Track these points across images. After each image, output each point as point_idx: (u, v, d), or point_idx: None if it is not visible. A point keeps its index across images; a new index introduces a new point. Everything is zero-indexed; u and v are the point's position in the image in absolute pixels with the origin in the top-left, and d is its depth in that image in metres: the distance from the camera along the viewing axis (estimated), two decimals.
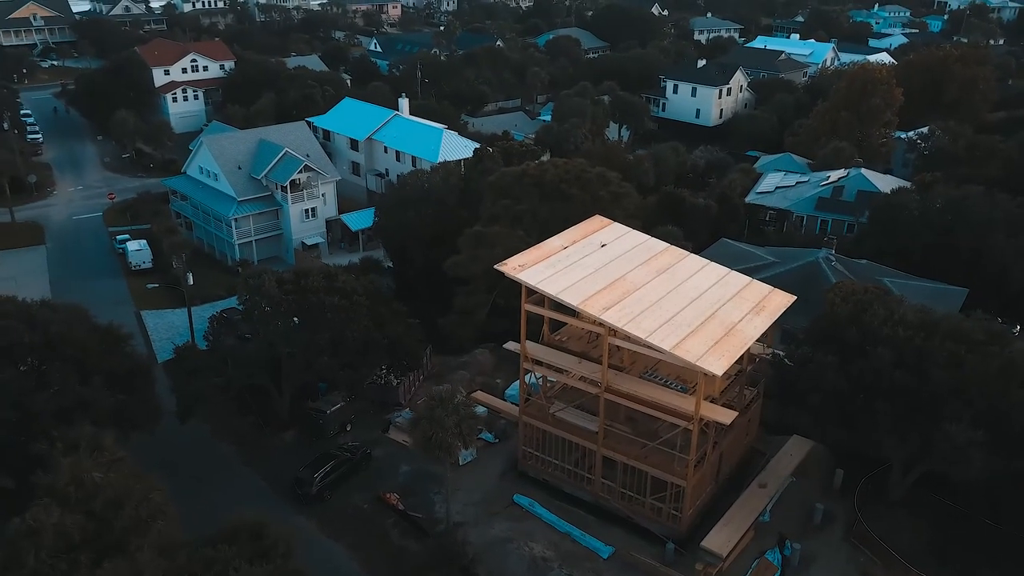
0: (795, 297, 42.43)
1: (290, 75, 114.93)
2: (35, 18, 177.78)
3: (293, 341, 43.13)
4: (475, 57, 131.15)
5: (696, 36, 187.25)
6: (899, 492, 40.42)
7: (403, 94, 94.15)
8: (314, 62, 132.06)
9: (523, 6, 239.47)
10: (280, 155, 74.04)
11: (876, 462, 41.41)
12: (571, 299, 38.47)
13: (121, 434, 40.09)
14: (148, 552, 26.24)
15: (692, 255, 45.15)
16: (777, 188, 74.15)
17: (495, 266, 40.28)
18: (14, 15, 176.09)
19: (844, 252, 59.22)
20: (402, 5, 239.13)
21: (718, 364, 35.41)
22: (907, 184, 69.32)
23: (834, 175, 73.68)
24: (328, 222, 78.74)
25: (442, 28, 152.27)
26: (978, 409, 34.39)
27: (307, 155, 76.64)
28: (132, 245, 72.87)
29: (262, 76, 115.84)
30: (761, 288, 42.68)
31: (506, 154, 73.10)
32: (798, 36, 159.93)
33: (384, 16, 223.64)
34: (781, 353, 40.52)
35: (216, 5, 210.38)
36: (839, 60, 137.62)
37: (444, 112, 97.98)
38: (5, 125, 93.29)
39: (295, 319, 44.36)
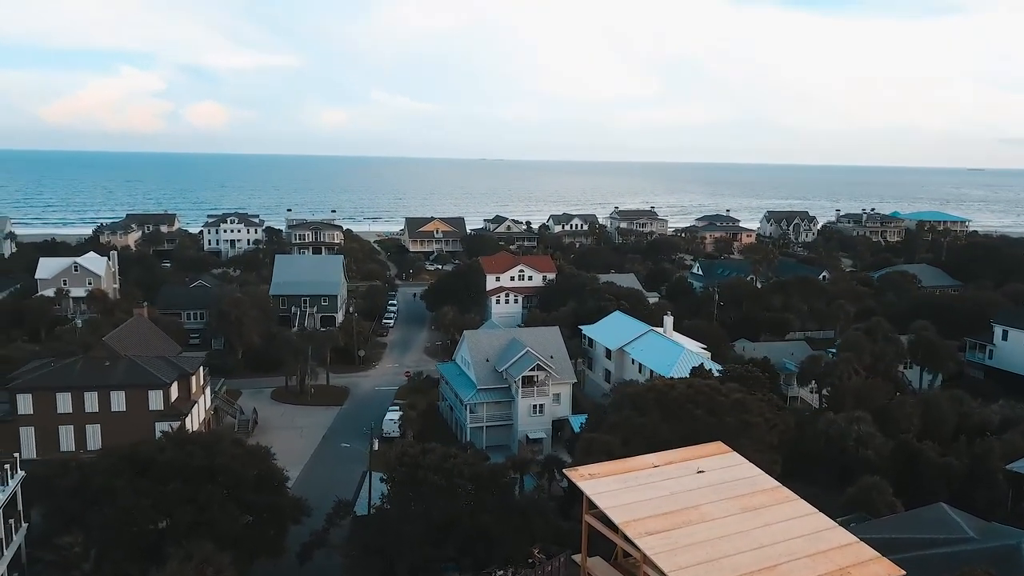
0: (903, 572, 35.06)
1: (594, 288, 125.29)
2: (437, 231, 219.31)
3: (396, 510, 47.01)
4: (786, 286, 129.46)
5: None
6: None
7: (668, 312, 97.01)
8: (629, 279, 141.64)
9: (887, 240, 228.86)
10: (521, 353, 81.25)
11: None
12: (617, 516, 36.91)
13: (244, 557, 47.25)
14: None
15: (800, 500, 39.98)
16: None
17: (563, 470, 40.55)
18: (423, 228, 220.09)
19: None
20: (757, 234, 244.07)
21: None
22: None
23: None
24: (557, 421, 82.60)
25: (759, 256, 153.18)
26: None
27: (550, 356, 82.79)
28: (389, 414, 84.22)
29: (571, 287, 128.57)
30: (862, 552, 36.07)
31: (733, 377, 71.36)
32: None
33: (736, 243, 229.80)
34: None
35: (582, 228, 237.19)
36: None
37: (712, 333, 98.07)
38: (351, 309, 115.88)
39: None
